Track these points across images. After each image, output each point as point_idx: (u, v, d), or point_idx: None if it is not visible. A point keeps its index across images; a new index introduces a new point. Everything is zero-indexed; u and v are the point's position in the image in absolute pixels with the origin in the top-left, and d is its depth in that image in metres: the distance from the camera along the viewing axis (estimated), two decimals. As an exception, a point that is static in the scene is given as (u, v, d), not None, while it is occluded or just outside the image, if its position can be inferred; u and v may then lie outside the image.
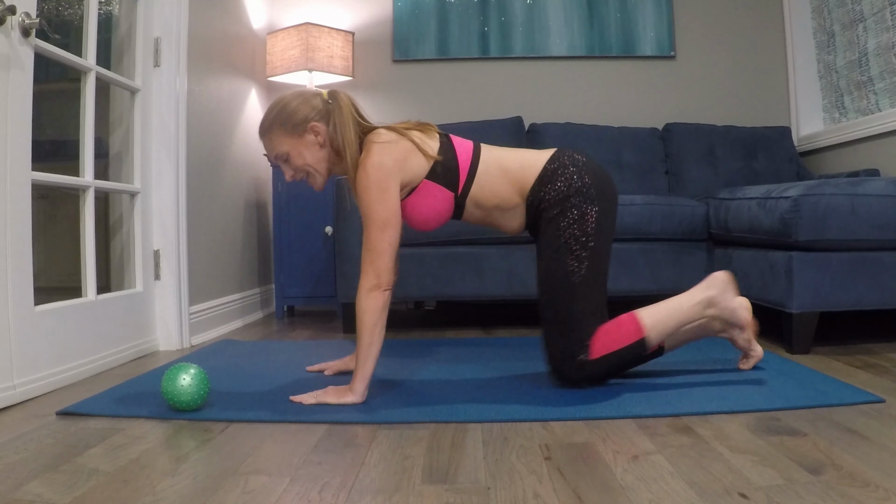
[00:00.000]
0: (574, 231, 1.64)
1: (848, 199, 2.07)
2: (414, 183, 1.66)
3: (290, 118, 1.66)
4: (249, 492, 1.08)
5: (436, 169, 1.66)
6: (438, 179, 1.67)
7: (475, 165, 1.69)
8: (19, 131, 1.72)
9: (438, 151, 1.67)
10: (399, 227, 1.61)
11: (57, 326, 1.86)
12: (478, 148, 1.72)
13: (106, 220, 2.40)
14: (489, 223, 1.77)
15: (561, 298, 1.64)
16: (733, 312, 1.71)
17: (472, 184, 1.68)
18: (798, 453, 1.19)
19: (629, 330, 1.65)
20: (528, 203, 1.70)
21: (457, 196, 1.69)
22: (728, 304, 1.71)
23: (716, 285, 1.72)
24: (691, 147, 3.29)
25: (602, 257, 1.66)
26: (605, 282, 1.68)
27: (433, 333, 2.67)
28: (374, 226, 1.58)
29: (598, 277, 1.65)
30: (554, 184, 1.66)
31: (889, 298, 2.10)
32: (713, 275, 1.74)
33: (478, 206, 1.71)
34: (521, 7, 3.57)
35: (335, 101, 1.68)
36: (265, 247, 3.51)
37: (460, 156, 1.69)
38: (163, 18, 2.43)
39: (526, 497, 1.04)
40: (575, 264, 1.64)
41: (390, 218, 1.59)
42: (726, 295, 1.71)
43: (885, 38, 2.82)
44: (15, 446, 1.32)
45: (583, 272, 1.64)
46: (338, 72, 3.30)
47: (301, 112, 1.66)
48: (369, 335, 1.57)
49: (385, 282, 1.58)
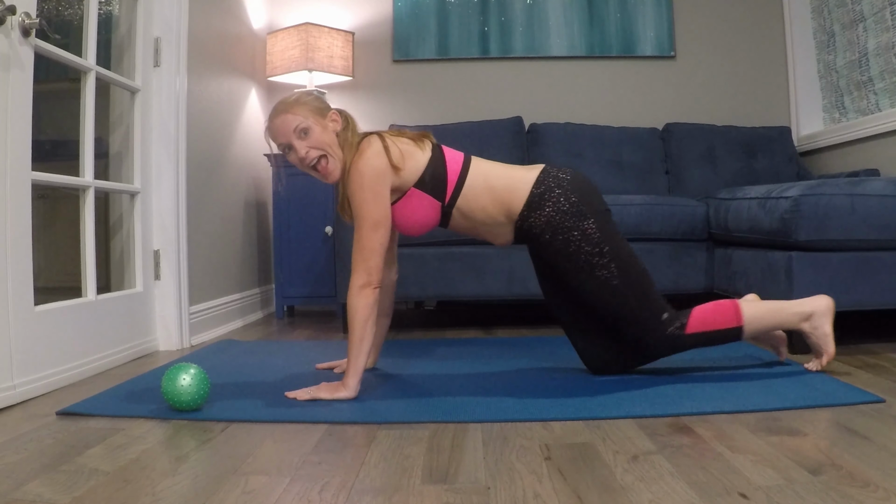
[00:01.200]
0: (585, 248, 1.69)
1: (848, 199, 2.07)
2: (403, 189, 1.70)
3: (316, 100, 1.73)
4: (249, 492, 1.08)
5: (424, 178, 1.70)
6: (426, 188, 1.70)
7: (463, 178, 1.72)
8: (19, 131, 1.72)
9: (429, 161, 1.71)
10: (389, 228, 1.66)
11: (57, 326, 1.86)
12: (468, 161, 1.76)
13: (106, 220, 2.40)
14: (476, 234, 1.82)
15: (615, 304, 1.71)
16: (825, 338, 1.76)
17: (459, 196, 1.72)
18: (798, 453, 1.19)
19: (729, 316, 1.73)
20: (518, 227, 1.74)
21: (443, 206, 1.73)
22: (824, 330, 1.76)
23: (821, 305, 1.77)
24: (691, 147, 3.29)
25: (621, 250, 1.72)
26: (638, 261, 1.76)
27: (433, 333, 2.67)
28: (366, 225, 1.62)
29: (630, 266, 1.72)
30: (543, 209, 1.70)
31: (889, 298, 2.10)
32: (822, 296, 1.79)
33: (464, 217, 1.75)
34: (521, 7, 3.57)
35: (345, 112, 1.79)
36: (265, 247, 3.51)
37: (450, 167, 1.72)
38: (163, 18, 2.43)
39: (526, 497, 1.04)
40: (605, 273, 1.70)
41: (381, 218, 1.63)
42: (826, 319, 1.76)
43: (885, 38, 2.82)
44: (15, 446, 1.32)
45: (615, 272, 1.70)
46: (338, 72, 3.30)
47: (322, 100, 1.76)
48: (360, 331, 1.62)
49: (375, 280, 1.63)
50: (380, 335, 1.97)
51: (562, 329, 2.25)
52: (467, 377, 1.84)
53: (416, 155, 1.70)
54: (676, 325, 1.71)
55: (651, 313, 1.71)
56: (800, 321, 1.77)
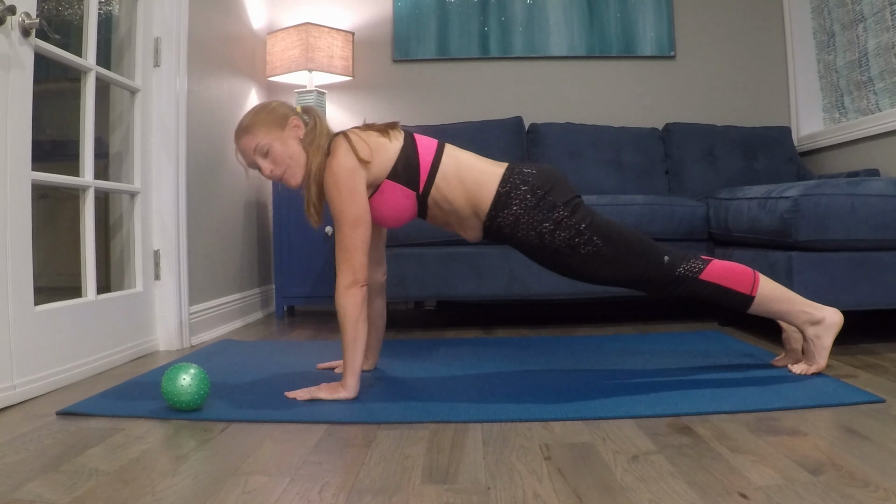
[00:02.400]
0: (561, 235, 1.68)
1: (848, 199, 2.07)
2: (376, 183, 1.69)
3: (272, 112, 1.72)
4: (249, 492, 1.08)
5: (397, 168, 1.69)
6: (399, 179, 1.69)
7: (436, 166, 1.71)
8: (19, 131, 1.72)
9: (400, 150, 1.70)
10: (370, 224, 1.65)
11: (57, 326, 1.86)
12: (441, 147, 1.74)
13: (106, 220, 2.40)
14: (449, 227, 1.80)
15: (614, 270, 1.70)
16: (823, 350, 1.76)
17: (433, 185, 1.71)
18: (798, 453, 1.19)
19: (746, 282, 1.73)
20: (486, 226, 1.73)
21: (418, 195, 1.72)
22: (825, 342, 1.76)
23: (833, 318, 1.76)
24: (691, 147, 3.29)
25: (598, 222, 1.70)
26: (618, 224, 1.73)
27: (433, 333, 2.67)
28: (346, 224, 1.62)
29: (612, 231, 1.70)
30: (510, 208, 1.69)
31: (889, 298, 2.10)
32: (836, 310, 1.77)
33: (438, 206, 1.74)
34: (521, 7, 3.57)
35: (312, 112, 1.76)
36: (265, 247, 3.51)
37: (422, 155, 1.71)
38: (163, 18, 2.43)
39: (526, 497, 1.04)
40: (590, 248, 1.68)
41: (361, 215, 1.63)
42: (831, 332, 1.76)
43: (885, 38, 2.82)
44: (15, 446, 1.32)
45: (599, 243, 1.68)
46: (338, 72, 3.30)
47: (281, 109, 1.74)
48: (353, 331, 1.61)
49: (361, 278, 1.62)
50: (377, 338, 1.97)
51: None
52: (467, 377, 1.84)
53: (385, 147, 1.69)
54: (686, 267, 1.72)
55: (649, 262, 1.70)
56: (807, 322, 1.75)
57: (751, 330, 2.53)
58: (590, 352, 2.16)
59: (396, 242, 2.63)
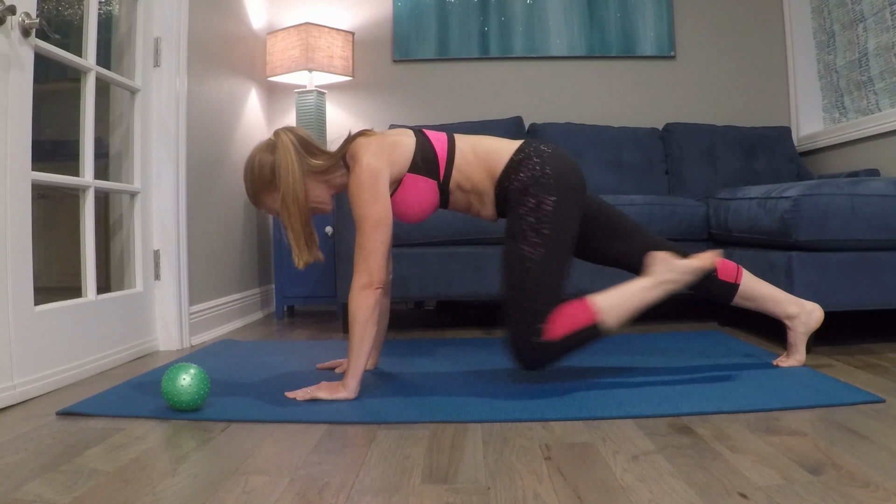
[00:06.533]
0: (529, 219, 1.67)
1: (848, 199, 2.07)
2: (399, 178, 1.72)
3: (262, 176, 1.69)
4: (249, 492, 1.08)
5: (416, 161, 1.72)
6: (420, 171, 1.72)
7: (452, 152, 1.75)
8: (19, 131, 1.72)
9: (416, 144, 1.73)
10: (391, 226, 1.66)
11: (57, 326, 1.86)
12: (452, 137, 1.79)
13: (106, 220, 2.40)
14: (470, 210, 1.82)
15: (516, 282, 1.65)
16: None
17: (453, 169, 1.74)
18: (798, 453, 1.19)
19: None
20: (497, 192, 1.75)
21: (440, 183, 1.74)
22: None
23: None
24: (691, 147, 3.29)
25: (560, 244, 1.66)
26: (565, 270, 1.68)
27: (433, 333, 2.67)
28: (368, 225, 1.63)
29: (554, 265, 1.65)
30: (518, 174, 1.71)
31: (889, 298, 2.10)
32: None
33: (460, 188, 1.76)
34: (521, 7, 3.57)
35: (277, 139, 1.70)
36: (265, 247, 3.51)
37: (436, 145, 1.75)
38: (163, 18, 2.43)
39: (526, 497, 1.04)
40: (528, 249, 1.65)
41: (382, 217, 1.64)
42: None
43: (885, 38, 2.82)
44: (15, 446, 1.32)
45: (537, 258, 1.65)
46: (338, 72, 3.30)
47: (266, 164, 1.69)
48: (361, 332, 1.62)
49: (377, 280, 1.62)
50: (379, 338, 1.98)
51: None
52: (467, 377, 1.84)
53: (403, 142, 1.72)
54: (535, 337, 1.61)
55: (534, 308, 1.62)
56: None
57: (751, 330, 2.53)
58: (589, 352, 2.16)
59: (396, 242, 2.63)
